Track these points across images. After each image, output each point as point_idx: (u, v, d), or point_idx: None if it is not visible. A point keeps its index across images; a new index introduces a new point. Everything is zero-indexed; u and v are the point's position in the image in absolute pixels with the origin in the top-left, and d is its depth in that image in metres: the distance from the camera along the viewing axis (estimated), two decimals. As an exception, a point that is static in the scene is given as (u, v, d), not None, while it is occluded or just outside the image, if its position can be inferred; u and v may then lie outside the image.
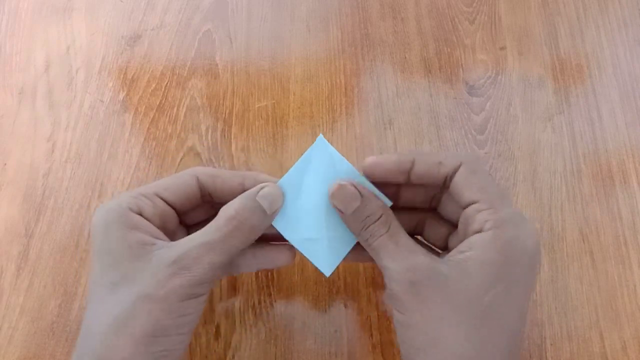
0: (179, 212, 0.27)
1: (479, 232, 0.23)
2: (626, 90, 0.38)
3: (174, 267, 0.23)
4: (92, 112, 0.38)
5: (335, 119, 0.38)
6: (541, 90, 0.38)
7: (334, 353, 0.31)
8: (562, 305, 0.32)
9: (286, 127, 0.37)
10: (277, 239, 0.28)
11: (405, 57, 0.40)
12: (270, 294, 0.33)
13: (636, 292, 0.33)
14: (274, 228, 0.27)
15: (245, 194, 0.25)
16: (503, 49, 0.40)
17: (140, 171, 0.36)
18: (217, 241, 0.24)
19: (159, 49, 0.40)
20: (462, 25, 0.41)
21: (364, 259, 0.28)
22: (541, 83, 0.39)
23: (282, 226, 0.27)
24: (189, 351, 0.31)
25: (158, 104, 0.38)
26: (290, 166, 0.27)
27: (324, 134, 0.36)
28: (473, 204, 0.24)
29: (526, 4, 0.41)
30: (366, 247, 0.25)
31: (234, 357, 0.31)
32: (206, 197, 0.28)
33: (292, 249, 0.28)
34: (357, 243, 0.27)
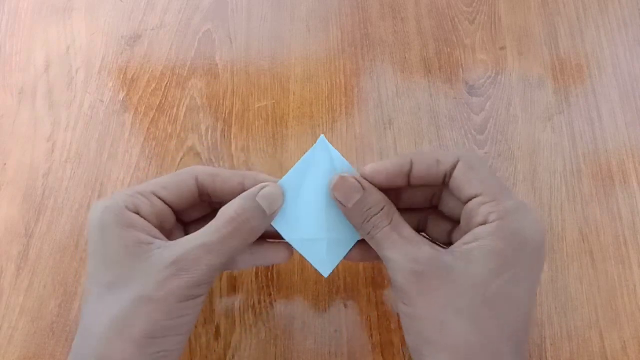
0: (176, 211, 0.27)
1: (483, 224, 0.23)
2: (626, 90, 0.38)
3: (173, 268, 0.23)
4: (92, 112, 0.38)
5: (335, 119, 0.38)
6: (541, 90, 0.38)
7: (334, 353, 0.31)
8: (562, 305, 0.32)
9: (286, 127, 0.37)
10: (275, 237, 0.28)
11: (405, 57, 0.40)
12: (270, 294, 0.33)
13: (636, 292, 0.33)
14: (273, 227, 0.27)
15: (245, 194, 0.25)
16: (503, 49, 0.40)
17: (140, 171, 0.36)
18: (216, 243, 0.24)
19: (159, 49, 0.40)
20: (462, 25, 0.41)
21: (362, 258, 0.28)
22: (541, 83, 0.39)
23: (282, 226, 0.27)
24: (189, 351, 0.31)
25: (158, 104, 0.38)
26: (290, 166, 0.27)
27: (324, 134, 0.36)
28: (475, 197, 0.24)
29: (526, 4, 0.41)
30: (369, 240, 0.25)
31: (234, 357, 0.31)
32: (205, 197, 0.27)
33: (290, 246, 0.27)
34: (354, 244, 0.28)
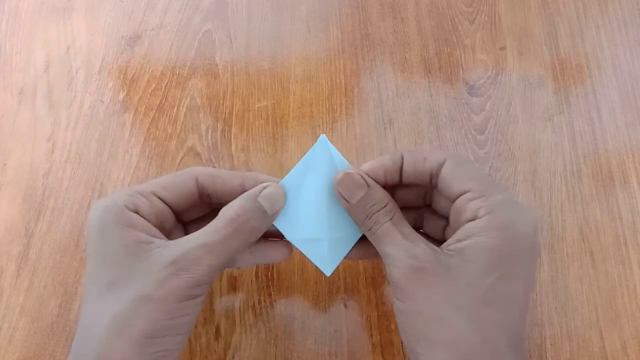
0: (176, 211, 0.27)
1: (472, 220, 0.23)
2: (626, 90, 0.38)
3: (173, 267, 0.23)
4: (92, 112, 0.38)
5: (335, 119, 0.38)
6: (541, 90, 0.38)
7: (334, 353, 0.31)
8: (562, 305, 0.32)
9: (286, 127, 0.37)
10: (276, 235, 0.28)
11: (405, 57, 0.40)
12: (270, 294, 0.33)
13: (636, 292, 0.33)
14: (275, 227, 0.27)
15: (246, 194, 0.25)
16: (503, 49, 0.40)
17: (140, 171, 0.36)
18: (216, 243, 0.24)
19: (159, 49, 0.40)
20: (462, 25, 0.41)
21: (360, 256, 0.28)
22: (541, 83, 0.39)
23: (283, 226, 0.27)
24: (188, 351, 0.31)
25: (158, 104, 0.38)
26: (290, 166, 0.27)
27: (324, 134, 0.36)
28: (463, 194, 0.24)
29: (526, 4, 0.41)
30: (369, 235, 0.26)
31: (234, 357, 0.31)
32: (204, 198, 0.27)
33: (289, 245, 0.28)
34: (355, 242, 0.28)
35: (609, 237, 0.34)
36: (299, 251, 0.27)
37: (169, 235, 0.27)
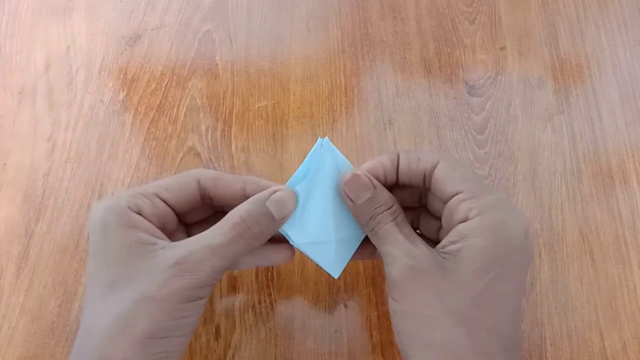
0: (178, 212, 0.27)
1: (464, 221, 0.24)
2: (626, 90, 0.38)
3: (176, 268, 0.23)
4: (92, 112, 0.38)
5: (335, 119, 0.38)
6: (541, 90, 0.38)
7: (334, 353, 0.31)
8: (562, 305, 0.32)
9: (286, 127, 0.37)
10: (279, 239, 0.27)
11: (405, 57, 0.40)
12: (270, 294, 0.33)
13: (636, 292, 0.33)
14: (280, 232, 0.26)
15: (254, 198, 0.25)
16: (503, 49, 0.40)
17: (140, 171, 0.36)
18: (220, 246, 0.24)
19: (159, 49, 0.40)
20: (462, 25, 0.41)
21: (359, 256, 0.28)
22: (541, 83, 0.39)
23: (289, 230, 0.26)
24: (189, 351, 0.31)
25: (158, 104, 0.38)
26: (290, 166, 0.27)
27: (324, 134, 0.36)
28: (455, 195, 0.24)
29: (526, 4, 0.41)
30: (371, 235, 0.26)
31: (234, 357, 0.31)
32: (206, 200, 0.27)
33: (292, 246, 0.27)
34: (360, 242, 0.28)
35: (609, 237, 0.34)
36: (301, 252, 0.27)
37: (171, 236, 0.27)
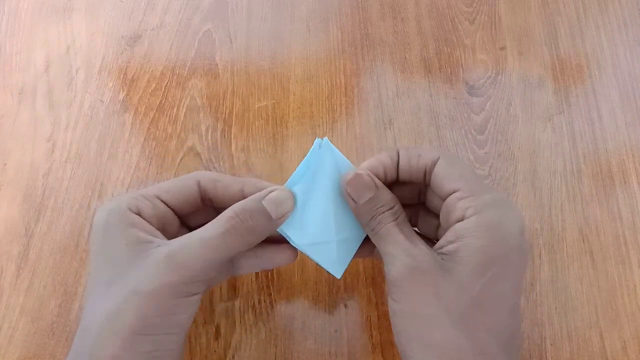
0: (179, 215, 0.27)
1: (461, 220, 0.24)
2: (626, 90, 0.38)
3: (167, 262, 0.23)
4: (92, 112, 0.38)
5: (335, 119, 0.38)
6: (541, 90, 0.38)
7: (334, 353, 0.31)
8: (562, 305, 0.32)
9: (286, 127, 0.37)
10: (279, 239, 0.27)
11: (405, 57, 0.40)
12: (270, 294, 0.33)
13: (636, 292, 0.33)
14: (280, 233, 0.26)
15: (253, 196, 0.25)
16: (503, 49, 0.40)
17: (140, 171, 0.36)
18: (212, 238, 0.24)
19: (159, 49, 0.40)
20: (462, 25, 0.41)
21: (359, 255, 0.28)
22: (541, 83, 0.39)
23: (289, 232, 0.26)
24: (188, 351, 0.31)
25: (158, 104, 0.38)
26: (290, 166, 0.27)
27: (324, 134, 0.36)
28: (453, 193, 0.24)
29: (526, 4, 0.41)
30: (372, 235, 0.26)
31: (234, 357, 0.31)
32: (207, 202, 0.28)
33: (294, 248, 0.27)
34: (361, 241, 0.28)
35: (609, 237, 0.34)
36: (302, 253, 0.27)
37: (173, 238, 0.27)
